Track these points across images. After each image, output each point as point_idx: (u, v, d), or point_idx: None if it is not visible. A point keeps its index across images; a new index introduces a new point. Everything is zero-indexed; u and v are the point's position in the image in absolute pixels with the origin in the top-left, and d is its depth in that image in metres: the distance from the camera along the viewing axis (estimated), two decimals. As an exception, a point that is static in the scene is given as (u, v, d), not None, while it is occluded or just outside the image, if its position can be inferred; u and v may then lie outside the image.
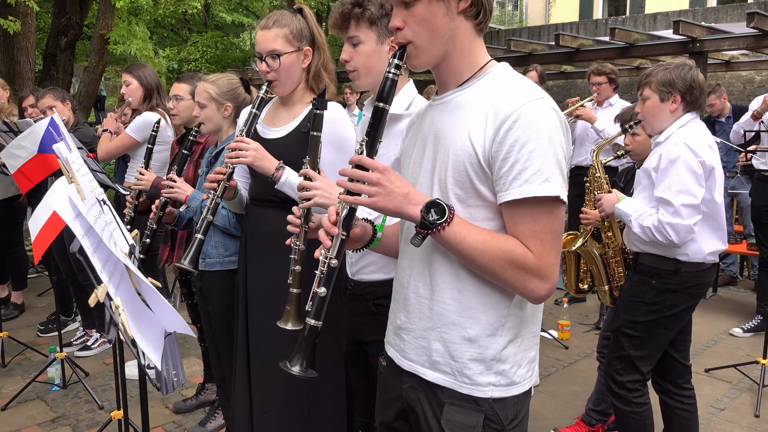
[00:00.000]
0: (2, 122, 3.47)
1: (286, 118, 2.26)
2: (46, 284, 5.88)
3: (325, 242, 1.36)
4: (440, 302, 1.44)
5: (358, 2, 1.85)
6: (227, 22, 20.46)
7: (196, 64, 14.66)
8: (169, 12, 12.60)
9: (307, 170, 1.79)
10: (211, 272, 2.55)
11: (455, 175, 1.38)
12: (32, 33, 7.05)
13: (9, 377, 3.98)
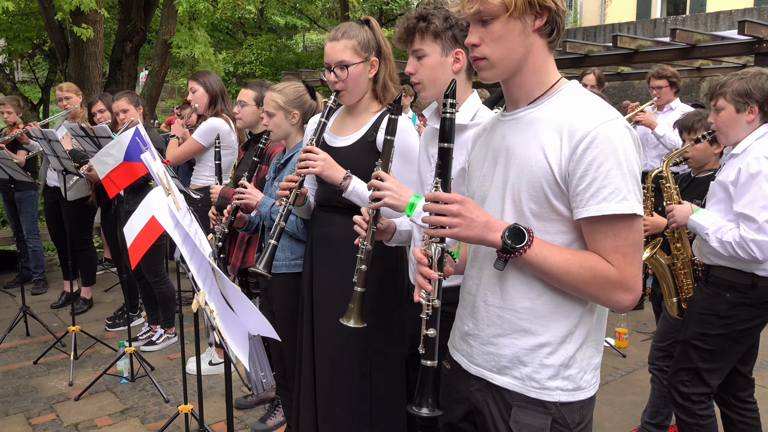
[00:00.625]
0: (80, 127, 3.66)
1: (353, 127, 2.32)
2: (112, 280, 6.15)
3: (425, 286, 1.43)
4: (511, 310, 1.49)
5: (422, 16, 1.89)
6: (280, 25, 20.82)
7: (251, 67, 15.00)
8: (226, 16, 12.94)
9: (379, 171, 1.85)
10: (277, 275, 2.63)
11: (530, 190, 1.43)
12: (101, 39, 7.36)
13: (81, 369, 4.18)
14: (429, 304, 1.43)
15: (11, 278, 6.23)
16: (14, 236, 5.92)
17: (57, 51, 7.61)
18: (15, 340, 4.65)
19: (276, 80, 14.69)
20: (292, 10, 17.32)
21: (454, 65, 1.90)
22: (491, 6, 1.39)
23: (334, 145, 2.31)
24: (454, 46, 1.89)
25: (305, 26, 20.15)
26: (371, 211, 1.78)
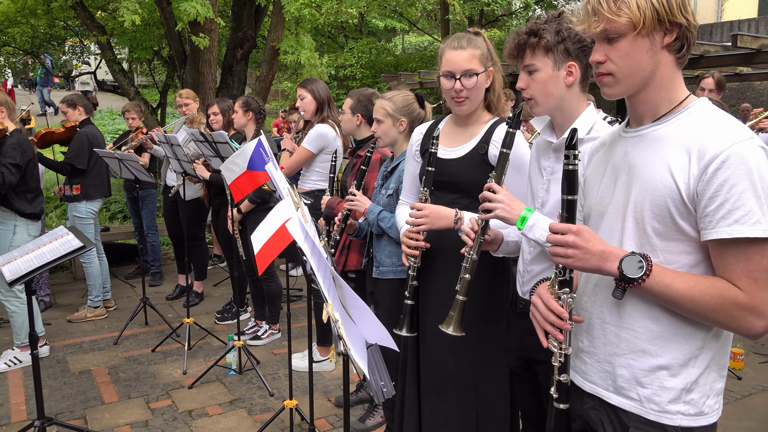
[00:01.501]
0: (200, 133, 3.91)
1: (463, 138, 2.34)
2: (221, 275, 6.49)
3: (557, 336, 1.46)
4: (629, 329, 1.47)
5: (533, 31, 1.87)
6: (380, 28, 21.10)
7: (351, 70, 15.32)
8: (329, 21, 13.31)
9: (491, 183, 1.86)
10: (383, 280, 2.70)
11: (654, 209, 1.40)
12: (215, 47, 7.77)
13: (193, 359, 4.45)
14: (561, 352, 1.45)
15: (131, 270, 6.72)
16: (135, 231, 6.39)
17: (176, 58, 8.11)
18: (135, 329, 5.02)
19: (375, 83, 14.94)
20: (393, 13, 17.51)
21: (567, 78, 1.87)
22: (618, 24, 1.36)
23: (445, 156, 2.33)
24: (566, 59, 1.86)
25: (404, 29, 20.30)
26: (480, 222, 1.79)
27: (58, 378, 4.15)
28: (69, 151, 5.08)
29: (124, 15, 6.56)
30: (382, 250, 2.70)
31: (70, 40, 10.73)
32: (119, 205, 8.46)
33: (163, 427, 3.53)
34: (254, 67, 11.69)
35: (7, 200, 4.16)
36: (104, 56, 8.59)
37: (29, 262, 2.91)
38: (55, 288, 6.10)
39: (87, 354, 4.56)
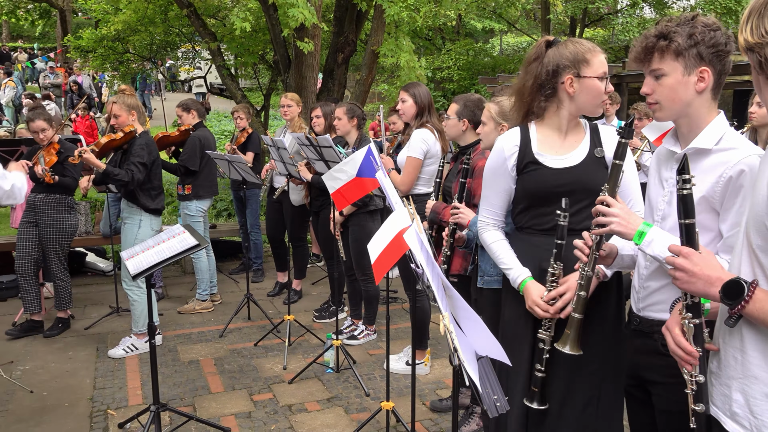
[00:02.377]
0: (305, 137, 4.04)
1: (569, 144, 2.27)
2: (318, 274, 6.67)
3: (686, 366, 1.46)
4: (745, 353, 1.44)
5: (663, 34, 1.79)
6: (478, 29, 20.91)
7: (449, 72, 15.29)
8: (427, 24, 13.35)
9: (605, 197, 1.80)
10: (487, 289, 2.67)
11: (755, 224, 1.39)
12: (318, 51, 8.00)
13: (293, 355, 4.60)
14: (692, 380, 1.44)
15: (235, 266, 7.03)
16: (240, 229, 6.69)
17: (280, 63, 8.42)
18: (239, 323, 5.25)
19: (472, 85, 14.82)
20: (491, 14, 17.31)
21: (697, 84, 1.78)
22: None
23: (559, 165, 2.24)
24: (698, 65, 1.77)
25: (503, 29, 20.02)
26: (594, 237, 1.74)
27: (169, 366, 4.41)
28: (183, 153, 5.41)
29: (235, 22, 6.89)
30: (487, 260, 2.68)
31: (183, 46, 11.38)
32: (225, 203, 8.89)
33: (264, 420, 3.68)
34: (353, 71, 11.93)
35: (134, 196, 4.50)
36: (215, 61, 9.05)
37: (150, 257, 3.12)
38: (167, 281, 6.50)
39: (195, 345, 4.82)
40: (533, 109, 2.28)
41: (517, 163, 2.26)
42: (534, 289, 2.19)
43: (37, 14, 25.48)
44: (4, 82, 13.87)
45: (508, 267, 2.30)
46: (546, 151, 2.27)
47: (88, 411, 3.78)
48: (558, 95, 2.24)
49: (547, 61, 2.23)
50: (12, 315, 5.33)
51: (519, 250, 2.33)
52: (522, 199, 2.29)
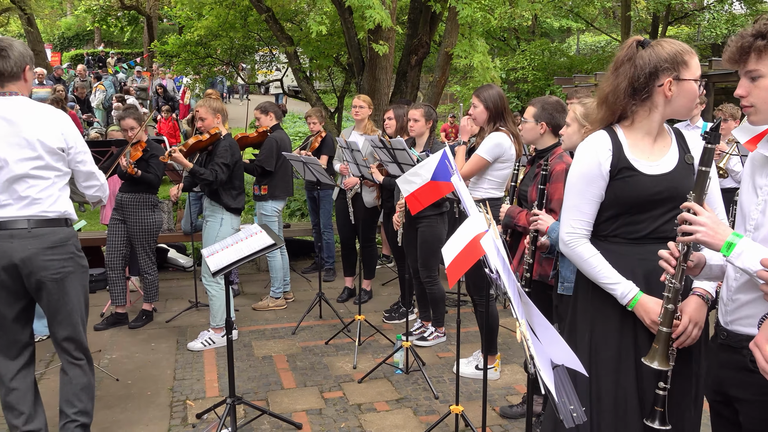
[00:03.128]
0: (378, 139, 4.08)
1: (659, 149, 2.19)
2: (388, 275, 6.71)
3: None
4: None
5: (761, 33, 1.70)
6: (554, 29, 20.46)
7: (523, 72, 15.03)
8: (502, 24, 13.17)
9: (691, 204, 1.73)
10: (568, 296, 2.61)
11: None
12: (392, 54, 8.06)
13: (363, 354, 4.65)
14: None
15: (307, 265, 7.18)
16: (312, 228, 6.82)
17: (354, 65, 8.53)
18: (311, 321, 5.36)
19: (547, 85, 14.52)
20: (568, 12, 16.90)
21: None
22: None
23: (654, 172, 2.13)
24: None
25: (580, 28, 19.51)
26: (681, 247, 1.67)
27: (244, 361, 4.56)
28: (260, 154, 5.57)
29: (311, 26, 7.04)
30: (568, 266, 2.62)
31: (261, 50, 11.73)
32: (298, 203, 9.09)
33: (334, 417, 3.74)
34: (426, 72, 11.94)
35: (217, 195, 4.70)
36: (291, 65, 9.27)
37: (229, 255, 3.24)
38: (243, 278, 6.71)
39: (269, 341, 4.96)
40: (626, 113, 2.17)
41: (611, 169, 2.13)
42: (652, 304, 2.04)
43: (126, 21, 26.92)
44: (95, 86, 14.72)
45: (614, 282, 2.11)
46: (639, 156, 2.15)
47: (169, 400, 3.96)
48: (653, 98, 2.12)
49: (642, 63, 2.10)
50: (100, 307, 5.64)
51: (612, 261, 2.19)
52: (612, 206, 2.16)
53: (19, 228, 2.81)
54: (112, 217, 5.13)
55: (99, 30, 31.48)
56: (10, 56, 2.84)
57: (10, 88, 2.88)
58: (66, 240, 2.93)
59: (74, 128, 2.99)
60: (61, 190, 2.95)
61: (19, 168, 2.81)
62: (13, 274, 2.84)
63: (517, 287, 1.39)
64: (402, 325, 5.19)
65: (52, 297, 2.92)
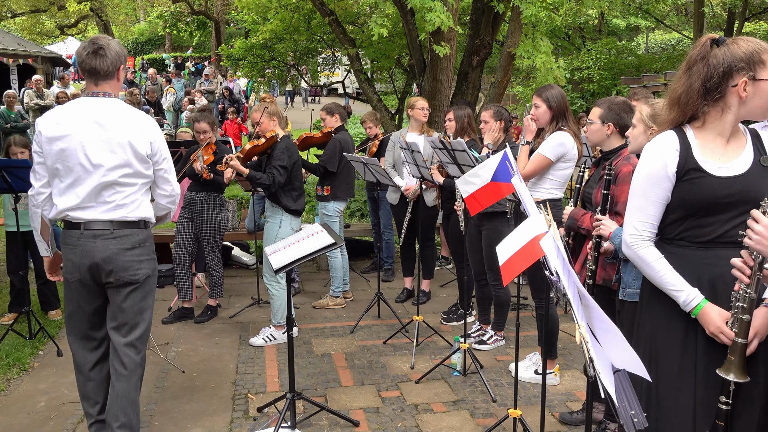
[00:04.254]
0: (439, 140, 4.08)
1: (732, 151, 2.10)
2: (447, 277, 6.69)
3: None
4: None
5: None
6: (621, 27, 19.90)
7: (588, 72, 14.68)
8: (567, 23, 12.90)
9: (753, 211, 1.66)
10: (630, 302, 2.55)
11: None
12: (453, 55, 8.03)
13: (420, 355, 4.66)
14: None
15: (366, 265, 7.24)
16: (372, 229, 6.88)
17: (416, 67, 8.55)
18: (369, 320, 5.40)
19: (614, 85, 14.13)
20: (637, 10, 16.39)
21: None
22: None
23: (724, 174, 2.06)
24: None
25: (649, 26, 18.89)
26: (755, 255, 1.60)
27: (304, 357, 4.64)
28: (323, 155, 5.66)
29: (373, 28, 7.10)
30: (630, 271, 2.55)
31: (324, 52, 11.92)
32: (358, 204, 9.17)
33: (391, 417, 3.76)
34: (488, 73, 11.82)
35: (277, 197, 4.79)
36: (353, 67, 9.37)
37: (291, 253, 3.31)
38: (303, 276, 6.83)
39: (328, 339, 5.03)
40: (697, 113, 2.09)
41: (677, 170, 2.08)
42: (716, 314, 1.97)
43: (195, 26, 27.89)
44: (166, 88, 15.30)
45: (678, 289, 2.05)
46: (708, 157, 2.08)
47: (231, 393, 4.08)
48: (726, 99, 2.04)
49: (716, 62, 2.02)
50: (167, 301, 5.87)
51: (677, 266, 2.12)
52: (678, 208, 2.10)
53: (101, 229, 2.88)
54: (181, 215, 5.32)
55: (170, 35, 32.73)
56: (108, 55, 2.84)
57: (104, 88, 2.90)
58: (144, 241, 2.99)
59: (161, 134, 3.02)
60: (144, 195, 3.00)
61: (111, 175, 2.85)
62: (94, 273, 2.91)
63: (578, 289, 1.37)
64: (460, 327, 5.17)
65: (127, 298, 2.97)
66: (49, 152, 2.85)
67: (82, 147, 2.82)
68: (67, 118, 2.85)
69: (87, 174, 2.84)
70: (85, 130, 2.82)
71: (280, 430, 3.42)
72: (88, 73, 2.88)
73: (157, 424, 3.68)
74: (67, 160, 2.83)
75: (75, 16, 24.56)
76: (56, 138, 2.82)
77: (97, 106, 2.87)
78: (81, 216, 2.88)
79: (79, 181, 2.86)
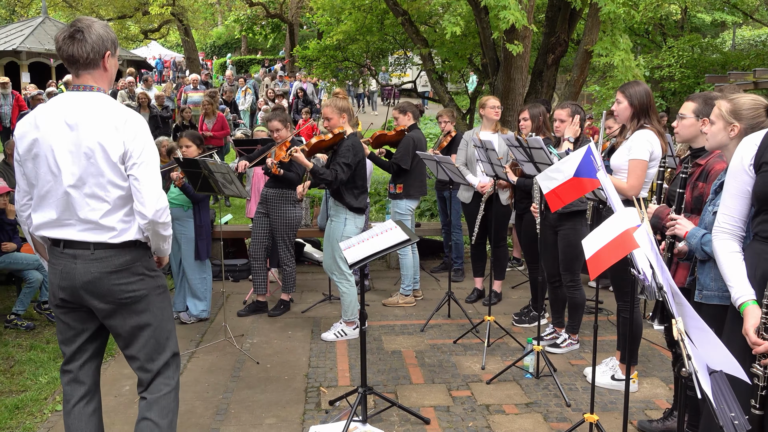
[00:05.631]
0: (515, 138, 4.02)
1: None
2: (518, 278, 6.59)
3: None
4: None
5: None
6: (706, 23, 19.01)
7: (669, 70, 14.08)
8: (647, 18, 12.41)
9: None
10: (707, 305, 2.43)
11: None
12: (528, 53, 7.90)
13: (491, 356, 4.60)
14: None
15: (436, 264, 7.22)
16: (442, 228, 6.85)
17: (489, 66, 8.46)
18: (439, 319, 5.38)
19: (697, 84, 13.50)
20: (724, 4, 15.60)
21: None
22: None
23: None
24: None
25: (736, 21, 17.95)
26: None
27: (374, 354, 4.67)
28: (396, 153, 5.69)
29: (446, 27, 7.07)
30: (707, 273, 2.43)
31: (396, 53, 11.97)
32: (428, 203, 9.16)
33: (462, 416, 3.73)
34: (561, 71, 11.54)
35: (340, 195, 4.82)
36: (425, 66, 9.37)
37: (365, 249, 3.34)
38: (373, 274, 6.88)
39: (398, 336, 5.05)
40: None
41: (753, 163, 2.08)
42: (753, 315, 1.96)
43: (269, 29, 28.64)
44: (242, 89, 15.76)
45: (731, 284, 2.11)
46: None
47: (304, 386, 4.16)
48: None
49: None
50: (242, 295, 6.04)
51: (746, 259, 2.16)
52: (756, 202, 2.09)
53: (81, 249, 2.46)
54: (257, 211, 5.47)
55: (245, 38, 33.73)
56: (87, 39, 2.38)
57: (85, 80, 2.44)
58: (132, 262, 2.51)
59: (141, 133, 2.43)
60: (128, 214, 2.48)
61: (83, 188, 2.40)
62: (76, 298, 2.50)
63: (671, 286, 1.32)
64: (532, 330, 5.07)
65: (123, 324, 2.56)
66: (25, 159, 2.45)
67: (52, 153, 2.39)
68: (42, 118, 2.42)
69: (57, 185, 2.41)
70: (54, 132, 2.39)
71: (352, 424, 3.46)
72: (67, 62, 2.43)
73: (233, 412, 3.79)
74: (38, 167, 2.42)
75: (158, 20, 25.71)
76: (30, 142, 2.42)
77: (73, 104, 2.41)
78: (56, 234, 2.47)
79: (51, 194, 2.44)
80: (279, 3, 24.96)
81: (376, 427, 3.53)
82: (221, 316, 5.25)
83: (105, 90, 2.49)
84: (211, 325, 5.29)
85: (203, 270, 5.30)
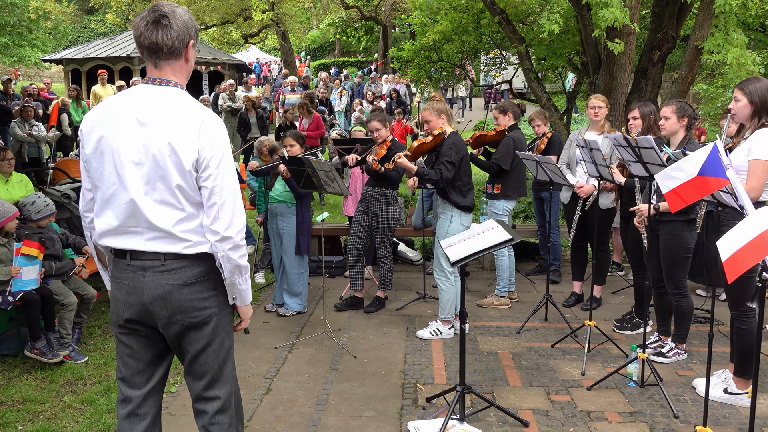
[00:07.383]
0: (623, 138, 3.88)
1: None
2: (618, 284, 6.36)
3: None
4: None
5: None
6: (830, 15, 17.49)
7: (785, 67, 13.10)
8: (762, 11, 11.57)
9: None
10: None
11: None
12: (632, 51, 7.60)
13: (591, 362, 4.47)
14: None
15: (531, 267, 7.09)
16: (537, 230, 6.72)
17: (590, 64, 8.20)
18: (536, 322, 5.29)
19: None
20: None
21: None
22: None
23: None
24: None
25: None
26: None
27: (470, 354, 4.66)
28: (496, 153, 5.64)
29: (545, 25, 6.93)
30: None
31: (492, 52, 11.83)
32: (522, 205, 9.00)
33: (562, 421, 3.66)
34: (666, 69, 11.00)
35: (445, 193, 4.85)
36: (522, 65, 9.21)
37: (467, 247, 3.34)
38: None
39: (494, 337, 5.01)
40: None
41: None
42: None
43: (363, 31, 29.11)
44: (338, 90, 16.14)
45: None
46: None
47: (400, 382, 4.21)
48: None
49: None
50: (339, 290, 6.19)
51: None
52: None
53: (152, 260, 2.22)
54: (358, 209, 5.59)
55: (339, 41, 34.47)
56: (173, 26, 2.16)
57: (165, 72, 2.21)
58: (206, 274, 2.26)
59: (220, 141, 2.18)
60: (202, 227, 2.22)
61: (151, 194, 2.17)
62: (143, 316, 2.27)
63: None
64: (634, 337, 4.89)
65: (192, 342, 2.31)
66: (91, 157, 2.23)
67: (118, 153, 2.17)
68: (111, 113, 2.21)
69: (122, 188, 2.18)
70: (123, 130, 2.17)
71: (450, 422, 3.47)
72: (147, 51, 2.19)
73: (333, 403, 3.90)
74: (103, 167, 2.20)
75: (258, 25, 26.76)
76: (97, 138, 2.21)
77: (147, 98, 2.19)
78: (120, 244, 2.24)
79: (115, 198, 2.20)
80: (373, 5, 25.32)
81: (474, 427, 3.52)
82: (319, 310, 5.41)
83: (183, 85, 2.25)
84: (310, 318, 5.45)
85: (302, 265, 5.48)
